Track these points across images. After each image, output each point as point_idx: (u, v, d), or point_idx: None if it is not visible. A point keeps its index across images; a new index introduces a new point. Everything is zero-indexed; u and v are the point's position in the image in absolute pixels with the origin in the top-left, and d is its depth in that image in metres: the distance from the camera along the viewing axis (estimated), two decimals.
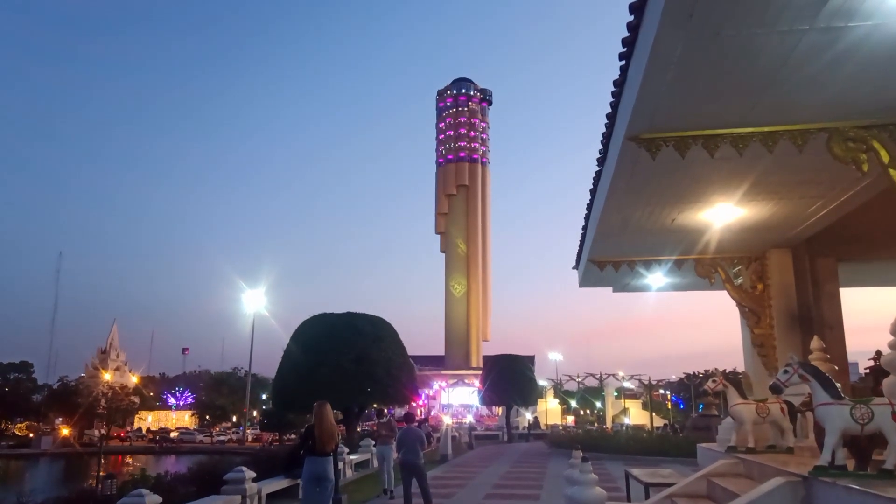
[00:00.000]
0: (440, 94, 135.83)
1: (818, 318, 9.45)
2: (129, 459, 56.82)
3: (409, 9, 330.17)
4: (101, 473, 31.27)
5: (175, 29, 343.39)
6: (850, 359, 10.35)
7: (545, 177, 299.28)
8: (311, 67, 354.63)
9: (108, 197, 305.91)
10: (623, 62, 5.64)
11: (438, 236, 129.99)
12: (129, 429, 76.70)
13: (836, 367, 8.07)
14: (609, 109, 6.59)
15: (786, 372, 5.97)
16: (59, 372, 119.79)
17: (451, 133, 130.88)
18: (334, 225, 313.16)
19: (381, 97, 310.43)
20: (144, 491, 8.54)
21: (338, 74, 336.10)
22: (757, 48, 4.61)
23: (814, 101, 5.41)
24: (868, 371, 10.09)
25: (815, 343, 8.16)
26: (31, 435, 69.88)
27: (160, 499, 8.77)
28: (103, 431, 64.06)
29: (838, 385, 5.69)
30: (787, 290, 9.96)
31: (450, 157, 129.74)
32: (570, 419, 75.83)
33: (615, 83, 6.08)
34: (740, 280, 10.69)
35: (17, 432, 74.25)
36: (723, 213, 8.31)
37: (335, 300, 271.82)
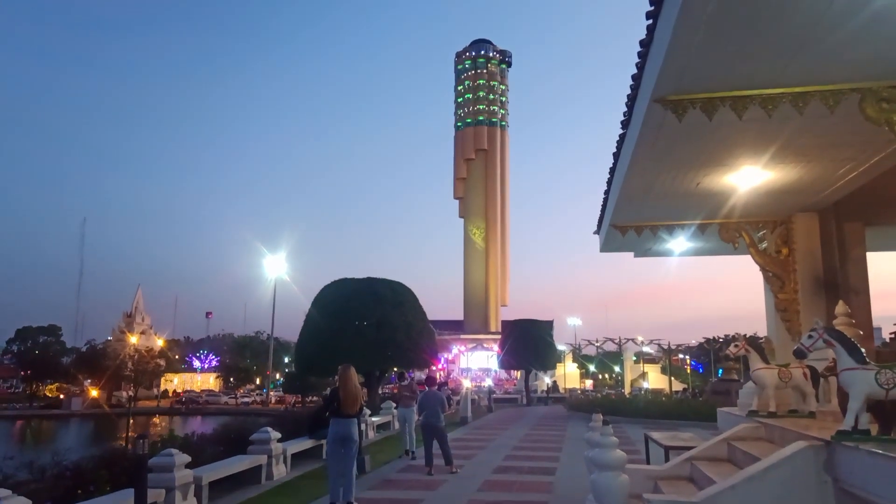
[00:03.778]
0: (458, 56, 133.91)
1: (844, 283, 9.32)
2: (155, 420, 58.37)
3: None
4: (130, 434, 32.23)
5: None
6: (874, 324, 10.23)
7: (566, 140, 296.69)
8: (328, 31, 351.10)
9: (132, 163, 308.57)
10: (650, 21, 5.49)
11: (457, 201, 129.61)
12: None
13: (861, 332, 7.99)
14: (634, 70, 6.45)
15: (810, 337, 5.93)
16: (86, 335, 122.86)
17: (470, 96, 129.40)
18: (353, 191, 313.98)
19: (398, 60, 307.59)
20: (174, 450, 8.77)
21: (354, 37, 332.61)
22: (792, 5, 4.46)
23: (848, 60, 5.24)
24: (893, 336, 9.96)
25: (841, 308, 8.07)
26: (61, 396, 71.94)
27: (189, 458, 9.01)
28: (131, 393, 65.75)
29: (863, 350, 5.65)
30: (813, 254, 9.82)
31: (468, 120, 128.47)
32: (589, 383, 76.30)
33: (641, 43, 5.93)
34: (765, 244, 10.56)
35: (47, 393, 76.47)
36: (749, 177, 8.16)
37: (354, 266, 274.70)
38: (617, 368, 78.69)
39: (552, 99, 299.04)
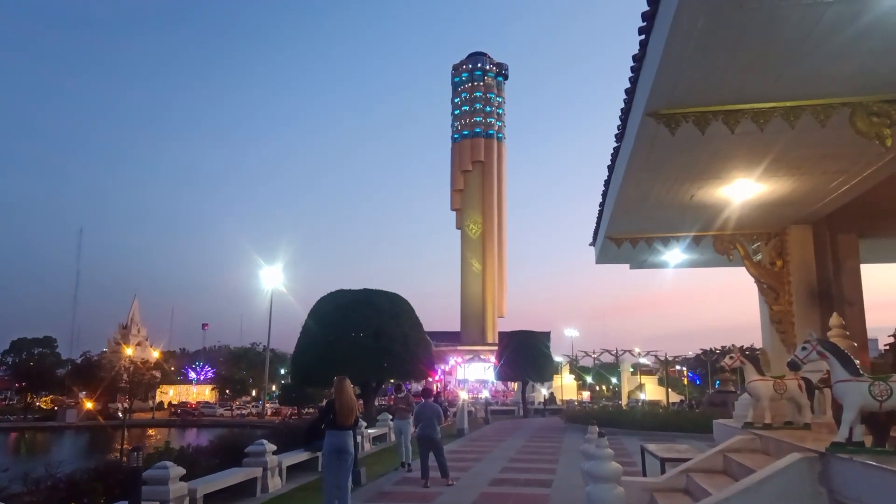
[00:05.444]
0: (455, 68, 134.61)
1: (838, 295, 9.36)
2: (151, 432, 58.00)
3: None
4: (125, 446, 32.04)
5: (202, 7, 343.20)
6: (870, 335, 10.26)
7: (562, 152, 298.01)
8: (325, 42, 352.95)
9: (130, 169, 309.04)
10: (643, 36, 5.56)
11: (454, 213, 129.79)
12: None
13: (856, 344, 8.02)
14: (628, 84, 6.52)
15: (804, 349, 5.95)
16: (81, 347, 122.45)
17: (467, 108, 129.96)
18: (350, 202, 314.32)
19: (395, 72, 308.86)
20: (169, 463, 8.74)
21: (352, 48, 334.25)
22: (781, 20, 4.53)
23: (837, 74, 5.31)
24: (888, 347, 9.99)
25: (835, 320, 8.10)
26: (56, 408, 71.44)
27: (184, 470, 8.98)
28: (126, 405, 65.35)
29: (857, 362, 5.67)
30: (807, 266, 9.86)
31: (465, 132, 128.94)
32: (586, 395, 76.09)
33: (634, 58, 6.00)
34: (759, 256, 10.60)
35: (42, 405, 75.98)
36: (742, 189, 8.21)
37: (351, 277, 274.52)
38: (614, 380, 78.52)
39: (548, 111, 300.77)
